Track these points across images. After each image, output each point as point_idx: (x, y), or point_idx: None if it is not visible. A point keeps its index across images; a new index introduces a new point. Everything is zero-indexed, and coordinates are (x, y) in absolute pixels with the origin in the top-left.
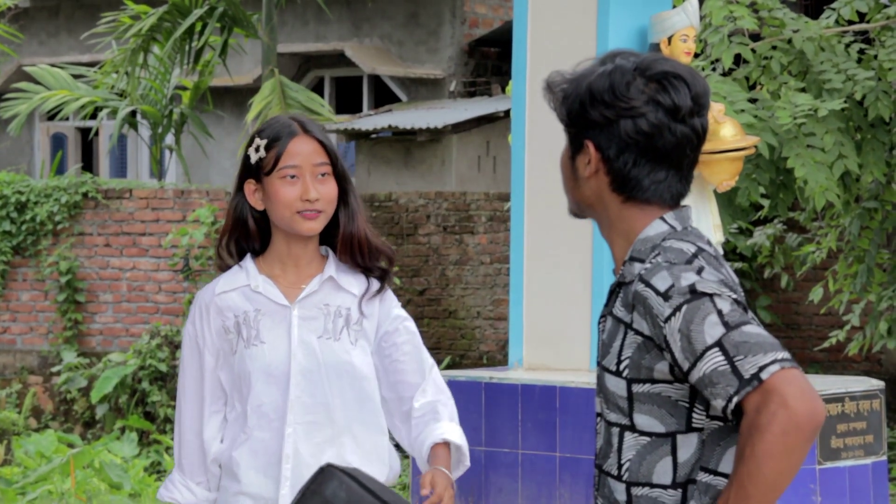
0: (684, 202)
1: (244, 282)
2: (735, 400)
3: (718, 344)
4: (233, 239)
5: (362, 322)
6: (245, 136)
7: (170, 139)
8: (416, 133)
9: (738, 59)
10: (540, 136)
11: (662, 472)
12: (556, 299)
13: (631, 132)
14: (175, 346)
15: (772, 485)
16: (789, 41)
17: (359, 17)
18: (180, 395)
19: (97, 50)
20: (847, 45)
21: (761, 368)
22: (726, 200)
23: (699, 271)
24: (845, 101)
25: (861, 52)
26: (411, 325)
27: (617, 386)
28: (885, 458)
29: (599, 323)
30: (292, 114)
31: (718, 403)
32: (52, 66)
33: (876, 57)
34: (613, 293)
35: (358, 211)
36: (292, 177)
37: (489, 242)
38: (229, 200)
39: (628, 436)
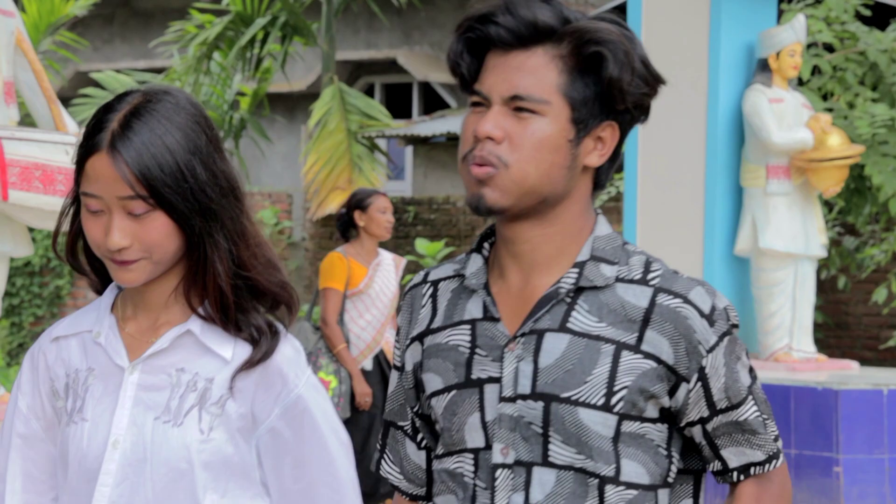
0: (791, 208)
1: (89, 324)
2: (776, 464)
3: (751, 392)
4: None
5: (226, 403)
6: (299, 141)
7: (227, 143)
8: None
9: (813, 70)
10: (653, 138)
11: None
12: None
13: (648, 110)
14: None
15: None
16: (861, 53)
17: (409, 25)
18: None
19: (163, 56)
20: None
21: (776, 438)
22: None
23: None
24: None
25: None
26: (320, 413)
27: (602, 423)
28: None
29: (512, 341)
30: (134, 91)
31: (754, 455)
32: (118, 71)
33: None
34: (559, 302)
35: (221, 247)
36: (95, 211)
37: None
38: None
39: (610, 490)
